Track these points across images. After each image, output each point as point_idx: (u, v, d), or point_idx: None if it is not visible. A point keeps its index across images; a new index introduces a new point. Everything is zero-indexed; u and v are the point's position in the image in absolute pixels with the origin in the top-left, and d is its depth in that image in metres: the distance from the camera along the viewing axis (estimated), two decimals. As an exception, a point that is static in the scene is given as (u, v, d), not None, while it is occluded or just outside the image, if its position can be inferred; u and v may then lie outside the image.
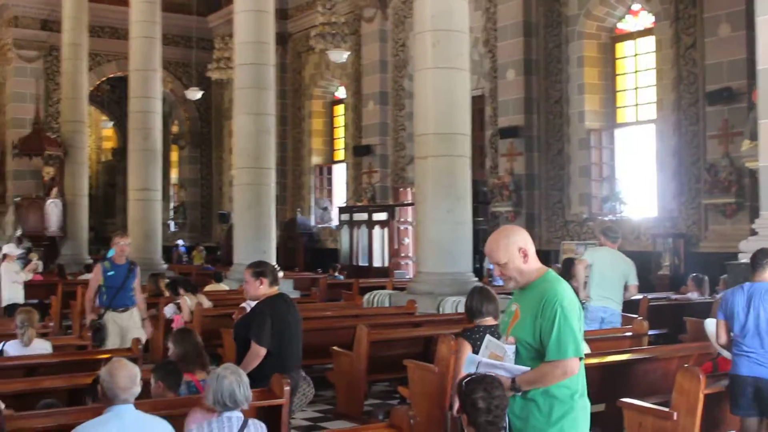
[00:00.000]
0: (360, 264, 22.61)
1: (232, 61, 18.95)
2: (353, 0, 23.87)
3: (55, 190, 24.85)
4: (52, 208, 24.43)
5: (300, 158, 27.30)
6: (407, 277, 19.11)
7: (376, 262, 22.22)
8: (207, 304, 11.68)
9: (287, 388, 5.54)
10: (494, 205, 19.26)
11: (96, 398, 4.93)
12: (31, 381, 6.41)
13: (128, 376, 4.26)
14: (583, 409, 3.98)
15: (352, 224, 23.21)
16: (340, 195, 26.30)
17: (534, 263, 4.04)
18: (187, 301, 11.49)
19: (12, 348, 7.29)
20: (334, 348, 9.21)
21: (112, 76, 28.96)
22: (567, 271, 10.17)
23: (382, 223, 22.10)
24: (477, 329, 5.84)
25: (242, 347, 6.11)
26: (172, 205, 32.41)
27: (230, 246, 19.15)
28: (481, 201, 19.81)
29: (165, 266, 20.73)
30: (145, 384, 4.88)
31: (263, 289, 6.22)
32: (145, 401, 4.86)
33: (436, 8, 11.91)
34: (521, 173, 18.97)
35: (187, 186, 31.88)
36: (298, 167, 27.37)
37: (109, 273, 9.24)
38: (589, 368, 6.92)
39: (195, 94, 26.90)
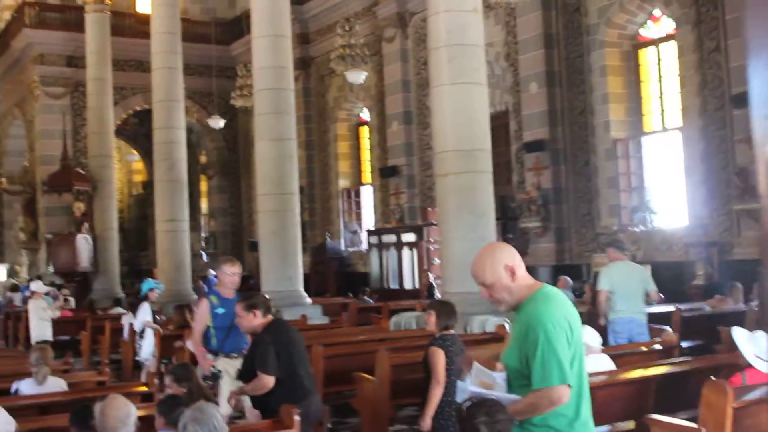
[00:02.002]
0: (390, 287, 22.41)
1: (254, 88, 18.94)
2: (373, 21, 23.83)
3: (85, 226, 24.97)
4: (83, 243, 24.51)
5: (327, 182, 27.22)
6: (437, 297, 18.88)
7: (407, 284, 22.00)
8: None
9: (297, 418, 5.37)
10: (522, 220, 19.01)
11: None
12: (43, 420, 6.29)
13: (119, 417, 4.12)
14: None
15: (382, 247, 23.04)
16: (369, 218, 26.16)
17: (524, 281, 3.80)
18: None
19: (26, 387, 7.19)
20: (357, 373, 9.03)
21: (138, 109, 29.12)
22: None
23: (411, 245, 21.91)
24: (445, 337, 6.37)
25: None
26: (203, 235, 32.47)
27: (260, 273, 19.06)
28: (509, 217, 19.60)
29: (195, 297, 20.67)
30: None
31: (258, 319, 6.12)
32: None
33: (451, 23, 11.76)
34: (548, 187, 18.73)
35: (217, 215, 31.94)
36: (326, 191, 27.28)
37: (218, 310, 7.70)
38: (616, 385, 6.77)
39: (218, 122, 26.96)
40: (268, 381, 5.86)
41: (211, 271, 28.15)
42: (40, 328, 14.32)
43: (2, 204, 33.67)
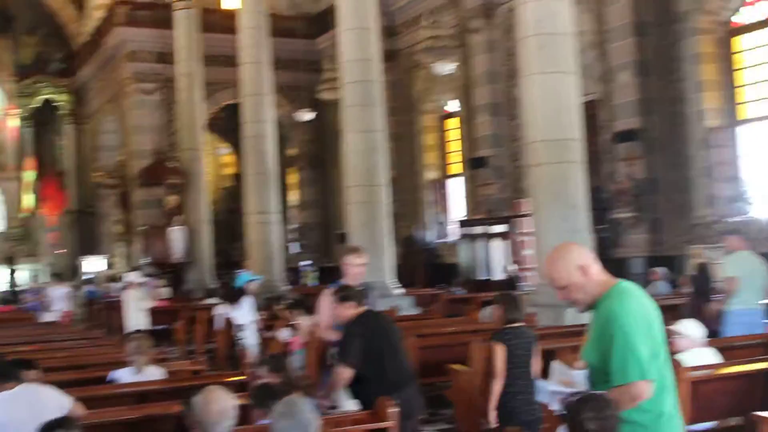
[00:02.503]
0: (480, 278, 22.30)
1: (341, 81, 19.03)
2: (458, 12, 23.69)
3: (178, 218, 25.45)
4: (176, 235, 24.99)
5: (415, 174, 27.20)
6: (528, 289, 18.71)
7: (496, 276, 21.87)
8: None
9: (393, 410, 5.36)
10: (615, 212, 18.70)
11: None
12: (142, 408, 6.42)
13: (222, 409, 4.13)
14: None
15: (471, 238, 22.95)
16: (457, 209, 26.06)
17: (597, 277, 3.78)
18: (304, 322, 11.43)
19: (125, 375, 7.34)
20: (451, 365, 8.99)
21: (227, 103, 29.50)
22: (703, 276, 9.79)
23: (501, 236, 21.78)
24: (507, 331, 6.44)
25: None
26: (292, 227, 32.78)
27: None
28: (600, 208, 19.28)
29: (287, 288, 20.92)
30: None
31: (351, 311, 6.12)
32: (245, 428, 4.76)
33: (539, 12, 11.63)
34: (641, 177, 18.37)
35: (306, 207, 32.21)
36: (414, 183, 27.27)
37: None
38: (721, 379, 6.56)
39: (305, 116, 27.12)
40: (345, 372, 5.86)
41: (303, 263, 28.16)
42: (136, 318, 14.63)
43: (99, 197, 34.57)
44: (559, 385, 3.74)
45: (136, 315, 14.62)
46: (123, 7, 28.22)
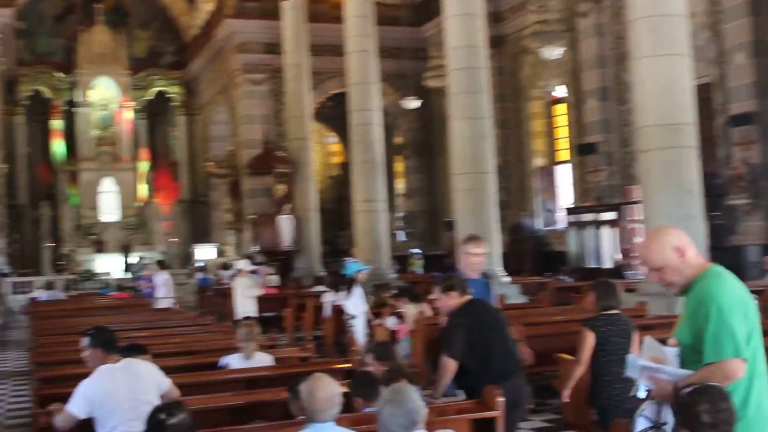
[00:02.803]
0: (589, 266, 21.94)
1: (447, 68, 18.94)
2: (567, -4, 23.29)
3: (287, 206, 25.80)
4: (285, 223, 25.32)
5: (523, 161, 26.92)
6: (639, 277, 18.31)
7: (606, 264, 21.47)
8: (430, 313, 11.58)
9: (501, 399, 5.29)
10: (730, 198, 18.13)
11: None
12: (250, 394, 6.51)
13: (328, 397, 4.12)
14: (758, 418, 3.59)
15: (579, 225, 22.60)
16: (565, 196, 25.69)
17: (694, 260, 3.74)
18: (411, 310, 11.44)
19: (235, 361, 7.46)
20: (559, 355, 8.85)
21: (334, 92, 29.72)
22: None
23: (611, 223, 21.37)
24: (599, 318, 6.28)
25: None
26: (399, 215, 32.89)
27: (455, 253, 19.08)
28: (715, 194, 18.71)
29: (394, 275, 20.98)
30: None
31: (454, 300, 6.06)
32: (346, 416, 4.76)
33: (651, -7, 11.33)
34: (757, 162, 17.75)
35: (413, 195, 32.25)
36: (521, 170, 26.99)
37: None
38: None
39: (411, 104, 27.10)
40: (449, 363, 5.80)
41: (414, 250, 28.07)
42: (245, 305, 14.88)
43: (210, 186, 35.35)
44: (649, 361, 3.68)
45: (245, 302, 14.89)
46: (232, -1, 28.72)
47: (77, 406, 5.33)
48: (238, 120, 29.37)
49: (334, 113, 33.33)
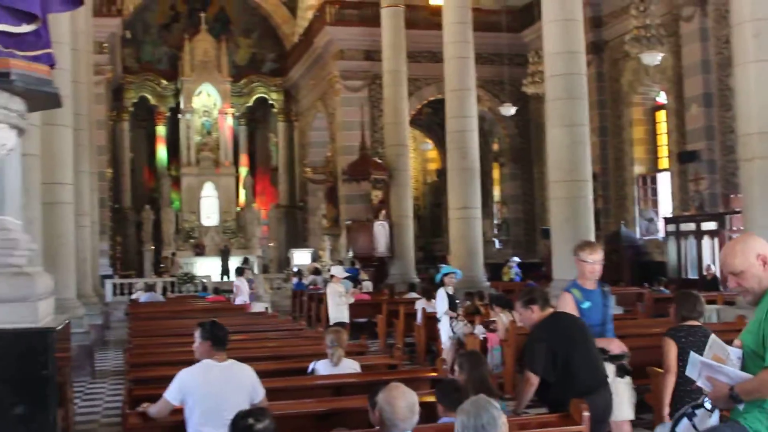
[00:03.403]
0: (689, 277, 21.36)
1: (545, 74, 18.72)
2: (669, 0, 22.75)
3: (382, 212, 25.88)
4: (380, 229, 25.41)
5: (622, 168, 26.40)
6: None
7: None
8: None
9: (586, 414, 5.15)
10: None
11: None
12: (335, 401, 6.49)
13: (407, 405, 4.09)
14: None
15: (679, 235, 22.03)
16: (666, 205, 25.09)
17: None
18: (503, 318, 11.30)
19: (322, 367, 7.45)
20: (652, 368, 8.59)
21: (431, 99, 29.71)
22: None
23: (712, 233, 20.76)
24: (681, 329, 6.16)
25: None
26: (495, 222, 32.67)
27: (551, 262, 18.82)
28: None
29: (487, 283, 20.81)
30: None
31: (536, 314, 5.92)
32: (427, 426, 4.70)
33: (756, -4, 10.96)
34: None
35: (509, 202, 31.99)
36: (620, 178, 26.48)
37: (584, 305, 6.59)
38: None
39: (508, 110, 26.92)
40: (531, 377, 5.67)
41: (514, 258, 27.82)
42: (337, 311, 14.91)
43: (307, 192, 35.73)
44: (711, 359, 3.61)
45: (338, 308, 14.90)
46: (332, 7, 28.98)
47: (171, 392, 5.49)
48: (336, 126, 29.61)
49: (431, 120, 33.37)
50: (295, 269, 26.63)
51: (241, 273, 19.08)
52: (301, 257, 31.58)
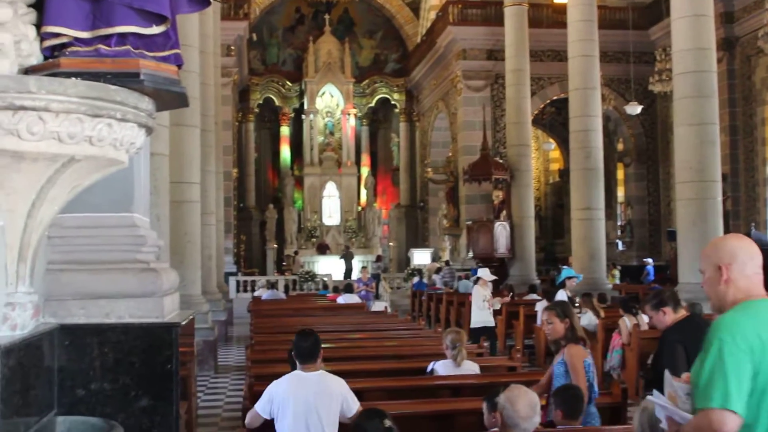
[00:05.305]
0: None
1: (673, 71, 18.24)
2: (807, -7, 21.85)
3: (503, 213, 25.68)
4: (501, 230, 25.20)
5: (753, 169, 25.48)
6: None
7: None
8: (645, 327, 11.13)
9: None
10: None
11: None
12: (453, 402, 6.45)
13: (529, 404, 4.08)
14: None
15: (816, 238, 21.12)
16: (801, 207, 24.12)
17: (735, 288, 3.14)
18: (626, 322, 11.05)
19: (442, 368, 7.41)
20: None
21: (555, 98, 29.32)
22: None
23: None
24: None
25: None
26: (618, 223, 32.01)
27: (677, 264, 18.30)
28: None
29: (609, 286, 20.40)
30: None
31: (669, 317, 5.74)
32: (541, 431, 4.61)
33: None
34: None
35: (633, 203, 31.28)
36: (751, 179, 25.56)
37: None
38: None
39: (635, 109, 26.31)
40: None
41: (649, 260, 26.97)
42: (481, 315, 14.50)
43: (428, 192, 35.75)
44: (667, 398, 3.21)
45: (481, 312, 14.52)
46: (455, 6, 28.94)
47: (261, 404, 5.46)
48: (458, 126, 29.55)
49: (554, 119, 32.93)
50: (417, 268, 26.63)
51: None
52: (421, 257, 31.62)
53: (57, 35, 3.38)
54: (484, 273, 15.35)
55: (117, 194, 4.81)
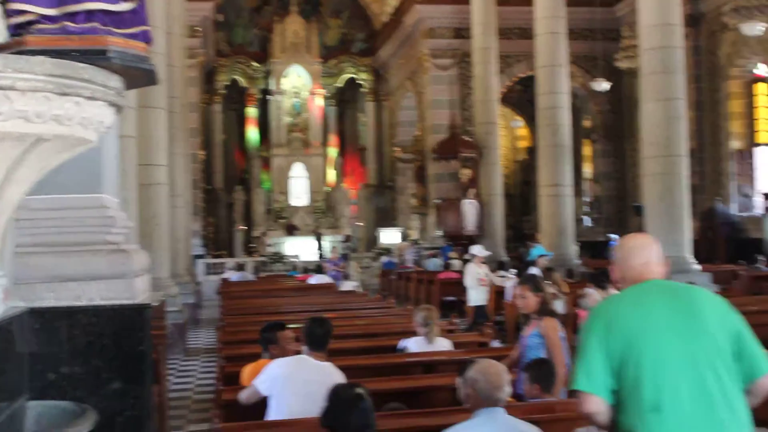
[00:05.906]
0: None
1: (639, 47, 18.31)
2: (770, -32, 22.00)
3: (471, 191, 25.74)
4: (469, 208, 25.29)
5: (718, 144, 25.68)
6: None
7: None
8: (615, 300, 11.18)
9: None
10: None
11: None
12: (424, 378, 6.47)
13: (499, 373, 4.12)
14: None
15: (779, 212, 21.41)
16: (763, 180, 24.37)
17: (629, 280, 3.37)
18: (595, 296, 11.11)
19: (415, 345, 7.42)
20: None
21: (522, 76, 29.36)
22: None
23: (813, 210, 20.12)
24: None
25: None
26: (586, 199, 32.20)
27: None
28: None
29: (578, 261, 20.55)
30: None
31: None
32: (516, 404, 4.65)
33: None
34: None
35: (601, 180, 31.47)
36: (716, 153, 25.76)
37: None
38: None
39: (602, 85, 26.41)
40: None
41: (614, 236, 27.24)
42: (477, 293, 14.56)
43: (396, 171, 35.76)
44: None
45: (477, 290, 14.54)
46: (422, -16, 28.82)
47: (261, 381, 5.49)
48: (425, 105, 29.52)
49: (521, 97, 32.98)
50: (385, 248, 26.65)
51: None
52: (388, 236, 31.64)
53: (23, 12, 3.32)
54: (478, 250, 15.28)
55: (85, 175, 4.76)
